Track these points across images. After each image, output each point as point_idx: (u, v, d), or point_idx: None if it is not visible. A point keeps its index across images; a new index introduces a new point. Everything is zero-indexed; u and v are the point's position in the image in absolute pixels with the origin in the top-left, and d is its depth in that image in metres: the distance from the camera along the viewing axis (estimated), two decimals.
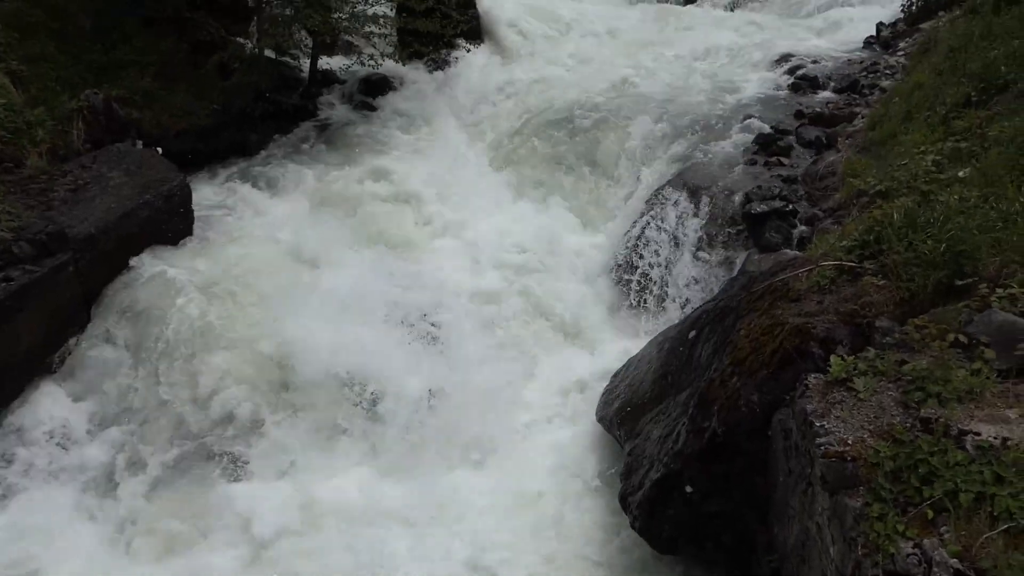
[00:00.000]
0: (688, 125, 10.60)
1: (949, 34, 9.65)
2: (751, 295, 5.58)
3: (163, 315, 8.05)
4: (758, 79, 11.92)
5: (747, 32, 14.44)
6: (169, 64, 11.70)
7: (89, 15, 11.48)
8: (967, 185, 5.56)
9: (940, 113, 7.51)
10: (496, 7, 15.49)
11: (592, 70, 13.14)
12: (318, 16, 11.81)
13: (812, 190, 8.46)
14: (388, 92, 13.29)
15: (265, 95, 12.10)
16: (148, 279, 8.53)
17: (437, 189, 10.70)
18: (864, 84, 11.03)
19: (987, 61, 7.67)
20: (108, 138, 10.14)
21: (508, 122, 12.21)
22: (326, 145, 11.84)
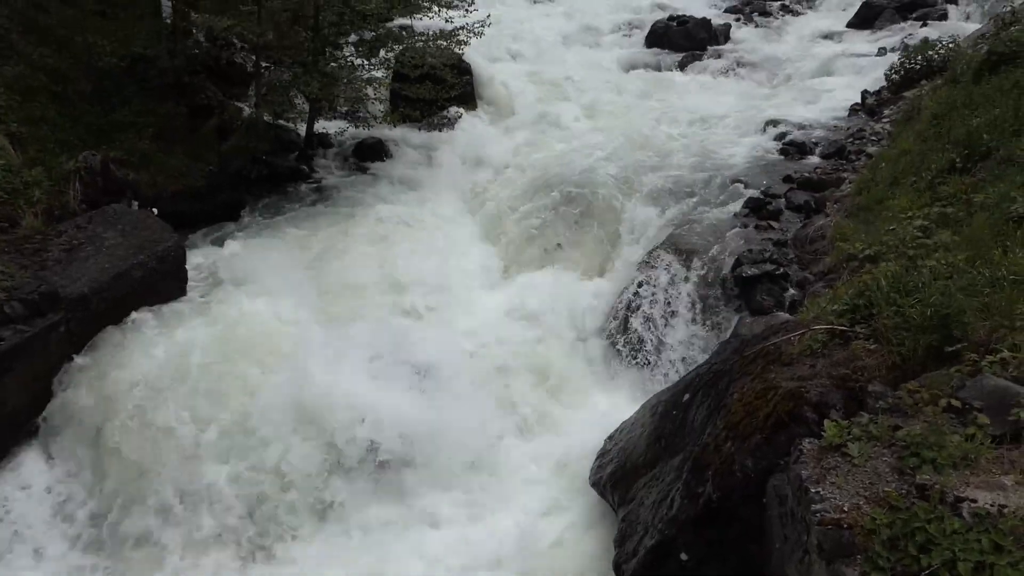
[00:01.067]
0: (680, 189, 10.76)
1: (932, 102, 9.90)
2: (744, 359, 5.59)
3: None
4: (747, 145, 12.14)
5: (736, 99, 14.76)
6: (167, 127, 11.87)
7: (90, 79, 11.69)
8: (954, 250, 5.64)
9: (926, 179, 7.66)
10: (489, 73, 15.82)
11: (585, 135, 13.35)
12: (316, 83, 12.01)
13: (802, 254, 8.55)
14: (382, 156, 13.46)
15: (261, 158, 12.25)
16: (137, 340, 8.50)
17: (430, 252, 10.76)
18: (851, 150, 11.24)
19: (970, 129, 7.86)
20: (104, 199, 10.21)
21: (501, 186, 12.35)
22: (320, 208, 11.91)
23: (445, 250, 10.94)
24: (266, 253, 10.62)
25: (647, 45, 18.63)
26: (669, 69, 17.17)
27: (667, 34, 18.46)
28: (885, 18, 18.63)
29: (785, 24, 20.04)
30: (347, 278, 10.27)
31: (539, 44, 18.41)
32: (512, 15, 20.09)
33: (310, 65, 12.37)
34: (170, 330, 8.68)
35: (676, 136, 12.86)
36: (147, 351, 8.32)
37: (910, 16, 18.39)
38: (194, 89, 12.68)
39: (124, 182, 10.70)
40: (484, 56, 16.16)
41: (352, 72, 12.79)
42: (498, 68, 16.39)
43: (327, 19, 12.48)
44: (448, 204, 12.27)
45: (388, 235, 11.11)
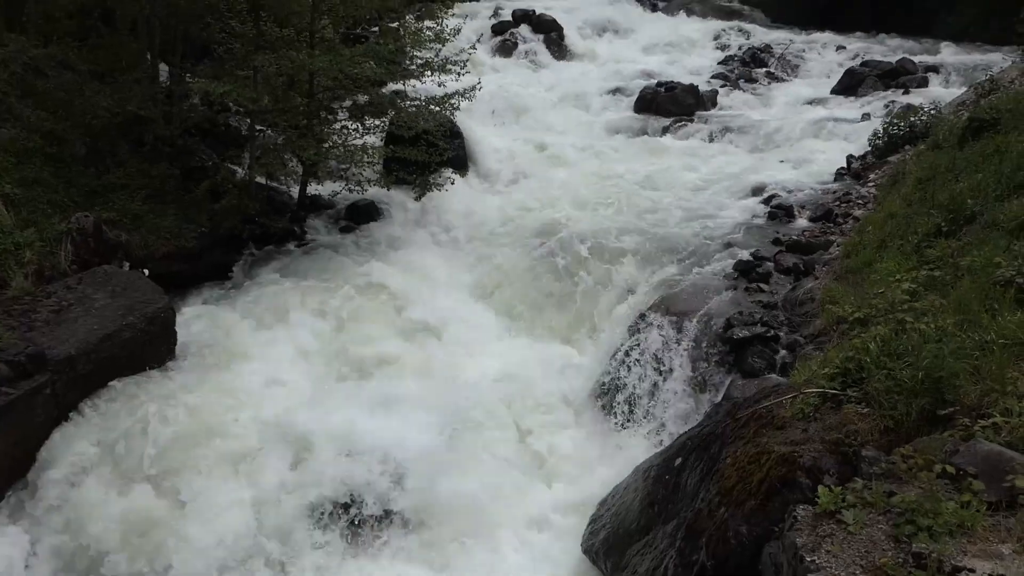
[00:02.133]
0: (670, 251, 10.85)
1: (917, 167, 10.09)
2: (736, 422, 5.56)
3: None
4: (736, 208, 12.28)
5: (723, 163, 14.97)
6: (160, 188, 11.95)
7: (85, 141, 11.80)
8: (942, 313, 5.67)
9: (912, 242, 7.75)
10: (481, 136, 16.05)
11: (575, 199, 13.49)
12: (310, 146, 12.15)
13: (792, 316, 8.58)
14: (374, 217, 13.55)
15: (254, 219, 12.30)
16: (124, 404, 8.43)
17: (421, 317, 10.75)
18: (838, 213, 11.38)
19: (954, 193, 8.00)
20: (95, 260, 10.21)
21: (493, 249, 12.42)
22: (312, 269, 11.91)
23: (435, 312, 10.93)
24: (256, 315, 10.61)
25: (636, 110, 18.95)
26: (658, 134, 17.43)
27: (655, 100, 18.80)
28: (868, 85, 19.08)
29: (771, 91, 20.47)
30: (338, 339, 10.25)
31: (530, 109, 18.72)
32: (503, 80, 20.50)
33: (304, 129, 12.55)
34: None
35: (665, 199, 13.00)
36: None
37: (892, 84, 18.83)
38: (188, 151, 12.81)
39: (116, 243, 10.72)
40: (476, 120, 16.42)
41: (346, 136, 12.97)
42: (489, 132, 16.64)
43: (321, 84, 12.71)
44: (440, 266, 12.32)
45: (379, 296, 11.12)
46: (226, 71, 12.46)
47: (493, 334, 10.75)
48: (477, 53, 15.85)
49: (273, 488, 7.78)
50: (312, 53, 11.91)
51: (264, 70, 12.11)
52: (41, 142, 11.32)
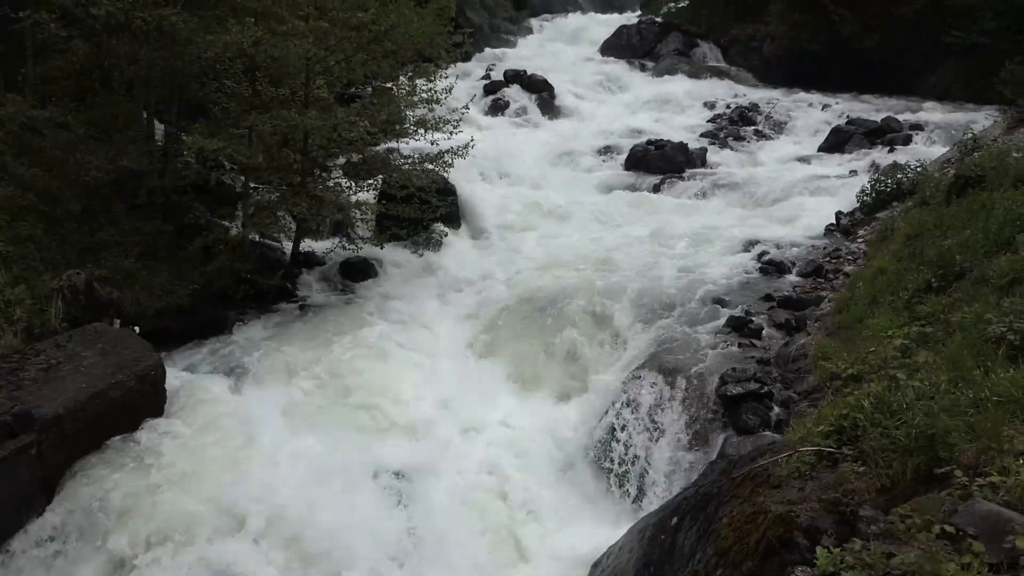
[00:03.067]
0: (662, 308, 10.87)
1: (905, 223, 10.21)
2: (732, 481, 5.49)
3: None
4: (727, 263, 12.36)
5: (714, 219, 15.13)
6: (153, 245, 11.96)
7: (79, 199, 11.84)
8: (935, 370, 5.67)
9: (903, 298, 7.80)
10: (474, 193, 16.20)
11: (568, 255, 13.57)
12: (304, 203, 12.23)
13: (786, 372, 8.57)
14: (367, 275, 13.57)
15: (246, 276, 12.30)
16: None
17: (414, 375, 10.71)
18: (828, 269, 11.47)
19: (942, 249, 8.08)
20: (86, 317, 10.17)
21: (486, 306, 12.42)
22: (305, 327, 11.89)
23: (428, 368, 10.89)
24: (247, 374, 10.54)
25: (626, 168, 19.22)
26: (649, 190, 17.64)
27: (646, 157, 19.08)
28: (854, 143, 19.44)
29: (759, 148, 20.82)
30: (331, 399, 10.17)
31: (522, 166, 18.94)
32: (496, 138, 20.79)
33: (298, 186, 12.64)
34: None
35: (657, 255, 13.08)
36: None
37: (877, 141, 19.19)
38: (182, 208, 12.87)
39: (107, 300, 10.69)
40: (469, 177, 16.59)
41: (340, 194, 13.06)
42: (482, 189, 16.80)
43: (316, 143, 12.85)
44: (432, 322, 12.31)
45: (372, 354, 11.06)
46: (221, 129, 12.60)
47: (486, 390, 10.68)
48: (470, 112, 16.09)
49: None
50: (306, 112, 12.06)
51: (259, 129, 12.25)
52: (36, 200, 11.36)
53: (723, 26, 33.77)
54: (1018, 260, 6.79)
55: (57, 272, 10.44)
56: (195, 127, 13.36)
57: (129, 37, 12.33)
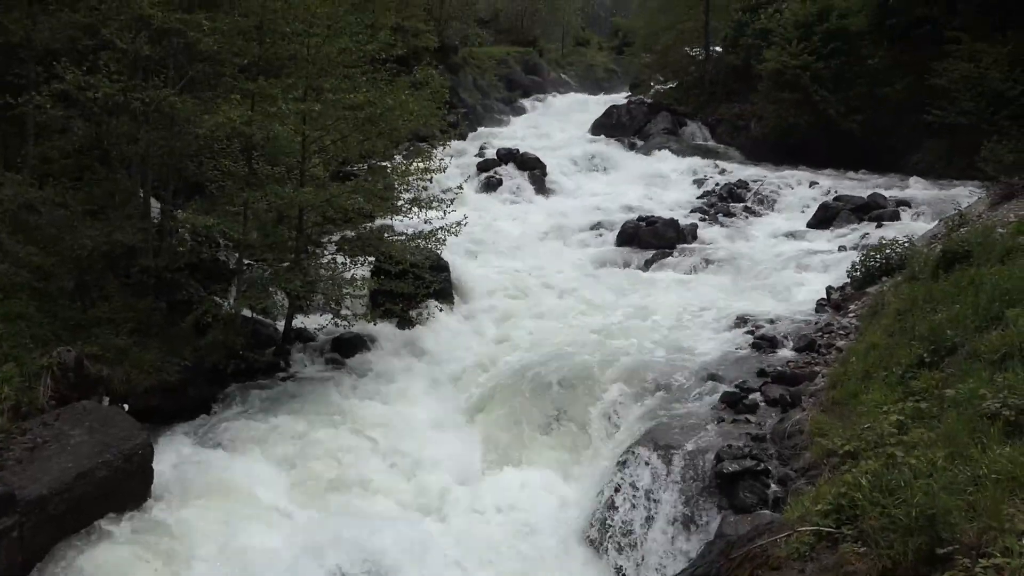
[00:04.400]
0: (655, 384, 10.82)
1: (895, 298, 10.28)
2: (730, 562, 5.39)
3: None
4: (720, 339, 12.38)
5: (706, 295, 15.21)
6: (145, 322, 11.94)
7: (72, 275, 11.87)
8: (932, 446, 5.63)
9: (896, 373, 7.80)
10: (467, 269, 16.31)
11: (560, 331, 13.59)
12: (298, 280, 12.27)
13: (782, 449, 8.50)
14: (360, 350, 13.52)
15: (238, 352, 12.24)
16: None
17: (406, 451, 10.60)
18: (821, 344, 11.47)
19: (933, 324, 8.12)
20: (75, 395, 10.06)
21: (479, 383, 12.37)
22: (296, 404, 11.75)
23: (421, 446, 10.75)
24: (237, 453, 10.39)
25: (618, 244, 19.41)
26: (640, 266, 17.79)
27: (637, 233, 19.30)
28: (842, 219, 19.72)
29: (749, 224, 21.09)
30: (322, 478, 10.01)
31: (515, 242, 19.14)
32: (489, 215, 21.05)
33: (292, 263, 12.71)
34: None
35: (650, 330, 13.11)
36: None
37: (865, 217, 19.48)
38: (175, 285, 12.89)
39: (97, 378, 10.59)
40: (462, 253, 16.74)
41: (333, 270, 13.12)
42: (475, 265, 16.92)
43: (311, 219, 12.98)
44: (425, 399, 12.22)
45: (364, 432, 10.96)
46: (216, 207, 12.74)
47: (479, 467, 10.54)
48: (464, 190, 16.34)
49: None
50: (301, 189, 12.22)
51: (255, 206, 12.39)
52: (29, 276, 11.37)
53: (710, 106, 34.65)
54: (1009, 335, 6.82)
55: (48, 349, 10.38)
56: (191, 204, 13.53)
57: (129, 117, 12.58)
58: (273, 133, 11.52)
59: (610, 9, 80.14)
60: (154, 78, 12.48)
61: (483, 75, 43.23)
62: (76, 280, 11.90)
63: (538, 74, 50.54)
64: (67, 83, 11.16)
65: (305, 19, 12.09)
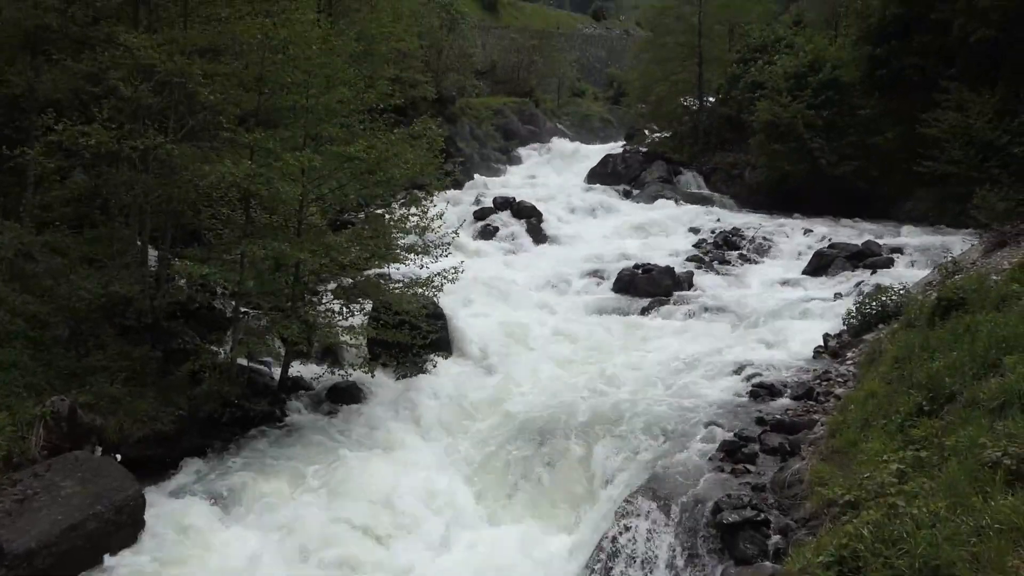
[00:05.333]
0: (653, 433, 10.74)
1: (892, 346, 10.27)
2: None
3: None
4: (718, 387, 12.33)
5: (703, 342, 15.18)
6: (141, 370, 11.89)
7: (68, 324, 11.84)
8: (933, 496, 5.58)
9: (896, 421, 7.76)
10: (463, 318, 16.27)
11: (557, 380, 13.54)
12: (294, 328, 12.24)
13: (782, 498, 8.40)
14: (356, 400, 13.44)
15: (233, 402, 12.16)
16: None
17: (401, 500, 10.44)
18: (819, 391, 11.43)
19: (931, 372, 8.10)
20: (67, 445, 9.97)
21: (475, 433, 12.27)
22: (291, 453, 11.64)
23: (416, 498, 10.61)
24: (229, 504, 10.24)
25: (615, 291, 19.43)
26: (637, 314, 17.77)
27: (633, 281, 19.34)
28: (837, 266, 19.82)
29: (744, 272, 21.15)
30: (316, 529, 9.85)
31: (511, 291, 19.10)
32: (486, 264, 21.10)
33: (289, 311, 12.70)
34: None
35: (647, 379, 13.05)
36: None
37: (859, 264, 19.58)
38: (171, 333, 12.87)
39: (90, 427, 10.51)
40: (458, 302, 16.72)
41: (330, 318, 13.10)
42: (472, 313, 16.89)
43: (307, 267, 13.01)
44: (421, 449, 12.09)
45: (357, 483, 10.81)
46: (214, 255, 12.77)
47: (474, 520, 10.39)
48: (460, 237, 16.42)
49: None
50: (298, 241, 12.25)
51: (252, 254, 12.42)
52: (24, 325, 11.36)
53: (705, 155, 35.06)
54: (1007, 383, 6.80)
55: (41, 398, 10.32)
56: (188, 252, 13.56)
57: (128, 166, 12.68)
58: (274, 189, 11.59)
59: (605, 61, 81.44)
60: (154, 128, 12.61)
61: (480, 125, 43.75)
62: (72, 329, 11.87)
63: (534, 124, 51.13)
64: (61, 135, 11.26)
65: (305, 70, 12.26)
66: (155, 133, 12.12)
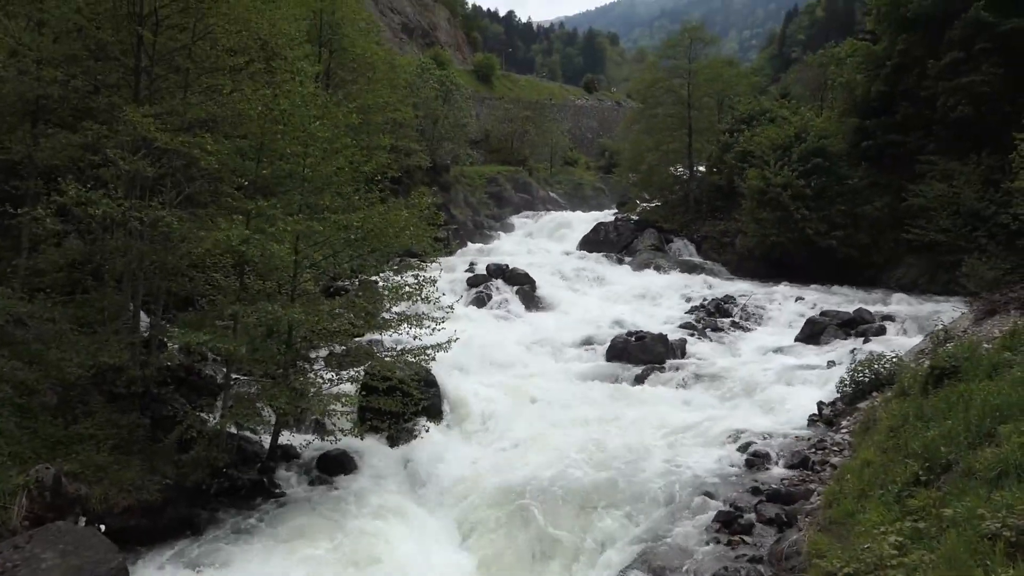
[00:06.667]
0: (648, 503, 10.60)
1: (886, 414, 10.25)
2: None
3: None
4: (712, 455, 12.21)
5: (696, 410, 15.10)
6: (128, 438, 11.72)
7: (56, 391, 11.72)
8: (933, 569, 5.49)
9: (893, 492, 7.69)
10: (456, 385, 16.16)
11: (551, 448, 13.37)
12: (285, 397, 12.12)
13: (779, 571, 8.25)
14: (346, 469, 13.19)
15: (222, 470, 11.96)
16: None
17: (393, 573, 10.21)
18: (815, 461, 11.35)
19: (926, 441, 8.07)
20: (50, 515, 9.75)
21: (468, 504, 12.04)
22: (280, 527, 11.36)
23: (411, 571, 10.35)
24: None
25: (608, 359, 19.39)
26: (630, 382, 17.70)
27: (626, 348, 19.32)
28: (829, 333, 19.89)
29: (737, 339, 21.20)
30: None
31: (505, 358, 19.04)
32: (478, 330, 21.04)
33: (280, 378, 12.60)
34: None
35: (641, 448, 12.91)
36: None
37: (851, 332, 19.67)
38: (160, 400, 12.74)
39: (74, 497, 10.29)
40: (451, 369, 16.63)
41: (321, 386, 12.99)
42: (464, 381, 16.79)
43: (300, 334, 12.96)
44: (412, 520, 11.85)
45: (350, 556, 10.56)
46: (206, 320, 12.73)
47: None
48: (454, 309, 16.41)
49: None
50: (291, 306, 12.25)
51: (244, 320, 12.40)
52: (11, 392, 11.23)
53: (696, 223, 35.52)
54: (1004, 453, 6.77)
55: (25, 467, 10.14)
56: (181, 317, 13.54)
57: (124, 233, 12.74)
58: (269, 253, 11.64)
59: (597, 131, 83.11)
60: (152, 196, 12.72)
61: (474, 192, 44.38)
62: (60, 396, 11.75)
63: (527, 192, 51.89)
64: (68, 198, 11.30)
65: (303, 140, 12.45)
66: (157, 206, 12.21)
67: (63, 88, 13.00)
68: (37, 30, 13.19)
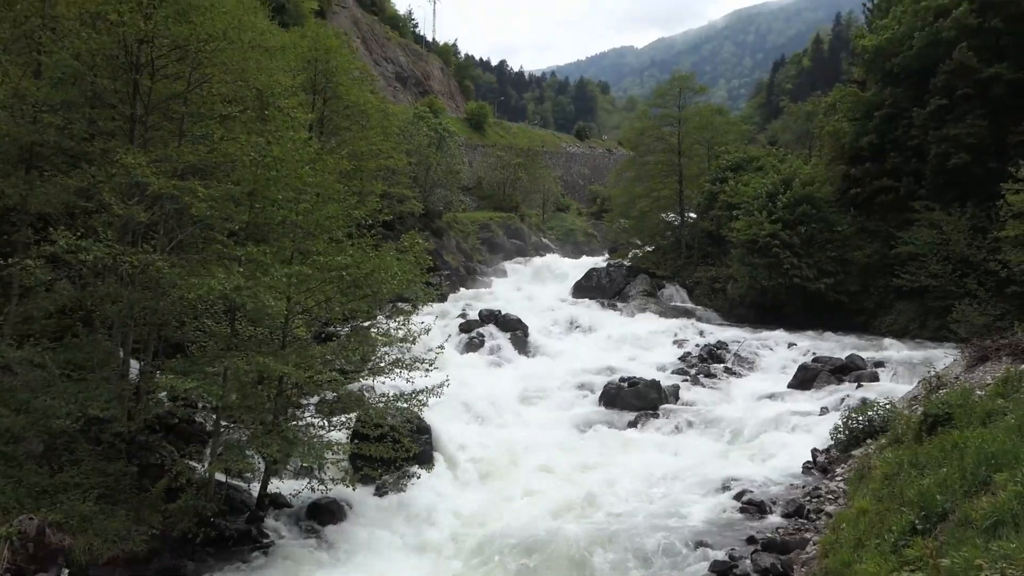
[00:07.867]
0: (642, 556, 10.44)
1: (881, 462, 10.19)
2: None
3: None
4: (706, 504, 12.11)
5: (690, 457, 15.00)
6: (114, 487, 11.51)
7: (42, 439, 11.55)
8: None
9: (889, 541, 7.60)
10: (448, 432, 16.02)
11: (545, 495, 13.26)
12: (274, 444, 11.98)
13: None
14: (337, 518, 12.98)
15: (209, 519, 11.75)
16: None
17: None
18: (810, 509, 11.25)
19: (922, 489, 8.01)
20: (32, 567, 9.52)
21: (460, 554, 11.85)
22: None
23: None
24: None
25: (600, 405, 19.31)
26: (623, 428, 17.60)
27: (619, 395, 19.26)
28: (822, 379, 19.88)
29: (730, 385, 21.15)
30: None
31: (497, 404, 18.95)
32: (471, 376, 20.96)
33: (270, 425, 12.47)
34: None
35: (634, 496, 12.80)
36: None
37: (844, 378, 19.66)
38: (148, 448, 12.57)
39: (58, 548, 10.06)
40: (443, 415, 16.51)
41: (311, 434, 12.85)
42: (457, 428, 16.67)
43: (291, 382, 12.86)
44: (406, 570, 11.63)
45: None
46: (196, 367, 12.62)
47: None
48: (445, 350, 16.35)
49: None
50: (283, 354, 12.17)
51: (235, 367, 12.29)
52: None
53: (687, 268, 35.70)
54: (999, 502, 6.72)
55: (8, 517, 9.92)
56: (171, 363, 13.42)
57: (115, 279, 12.69)
58: (260, 300, 11.59)
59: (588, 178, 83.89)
60: (143, 242, 12.69)
61: (466, 239, 44.51)
62: (46, 444, 11.58)
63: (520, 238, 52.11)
64: (59, 247, 11.27)
65: (296, 187, 12.50)
66: (148, 249, 12.19)
67: (59, 134, 13.07)
68: (35, 76, 13.31)
